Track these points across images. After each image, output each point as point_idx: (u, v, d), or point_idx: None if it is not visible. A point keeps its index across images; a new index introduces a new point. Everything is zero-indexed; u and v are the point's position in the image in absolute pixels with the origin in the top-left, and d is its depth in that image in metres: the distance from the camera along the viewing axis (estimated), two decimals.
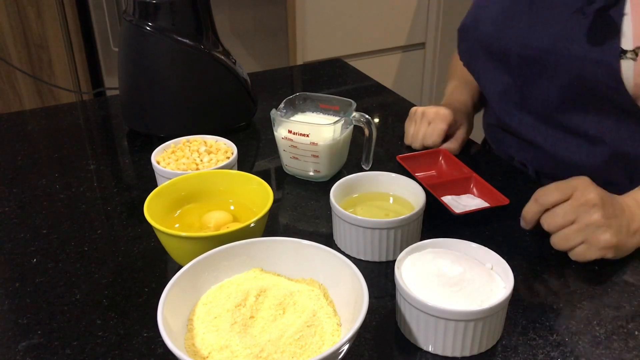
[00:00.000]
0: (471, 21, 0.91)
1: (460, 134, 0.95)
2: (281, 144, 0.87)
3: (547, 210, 0.69)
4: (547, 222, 0.68)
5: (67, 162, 0.94)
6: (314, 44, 2.32)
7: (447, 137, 0.94)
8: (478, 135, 1.04)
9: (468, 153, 0.95)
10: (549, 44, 0.80)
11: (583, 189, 0.67)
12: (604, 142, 0.83)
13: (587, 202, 0.66)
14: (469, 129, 0.98)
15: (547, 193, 0.69)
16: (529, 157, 0.93)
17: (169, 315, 0.53)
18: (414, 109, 0.97)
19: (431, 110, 0.94)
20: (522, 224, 0.73)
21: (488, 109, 1.02)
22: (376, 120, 1.10)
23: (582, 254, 0.67)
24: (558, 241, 0.68)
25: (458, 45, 0.95)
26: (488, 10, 0.88)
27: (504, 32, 0.85)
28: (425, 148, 0.94)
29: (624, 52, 0.73)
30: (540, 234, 0.74)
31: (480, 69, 0.93)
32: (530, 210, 0.71)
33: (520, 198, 0.81)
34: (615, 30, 0.73)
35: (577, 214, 0.66)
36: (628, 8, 0.73)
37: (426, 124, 0.93)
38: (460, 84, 1.05)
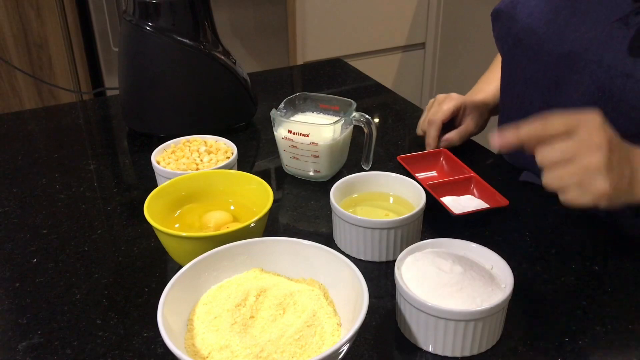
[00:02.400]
0: (507, 6, 0.86)
1: (465, 126, 0.94)
2: (281, 144, 0.87)
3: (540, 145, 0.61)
4: (543, 156, 0.60)
5: (67, 162, 0.94)
6: (314, 44, 2.33)
7: (452, 128, 0.94)
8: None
9: (469, 154, 0.95)
10: (582, 47, 0.75)
11: (591, 127, 0.59)
12: None
13: (591, 143, 0.58)
14: (478, 124, 0.96)
15: (552, 119, 0.60)
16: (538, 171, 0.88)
17: (169, 315, 0.53)
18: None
19: (442, 95, 0.95)
20: (496, 140, 0.62)
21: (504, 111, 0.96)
22: (376, 120, 1.10)
23: (574, 198, 0.60)
24: (551, 180, 0.61)
25: (492, 29, 0.90)
26: None
27: (539, 26, 0.80)
28: (429, 146, 0.94)
29: None
30: (540, 234, 0.74)
31: (511, 59, 0.88)
32: (523, 130, 0.61)
33: (521, 199, 0.81)
34: None
35: (578, 153, 0.59)
36: None
37: (436, 106, 0.94)
38: (491, 77, 1.02)
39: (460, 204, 0.79)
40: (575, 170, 0.59)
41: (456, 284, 0.56)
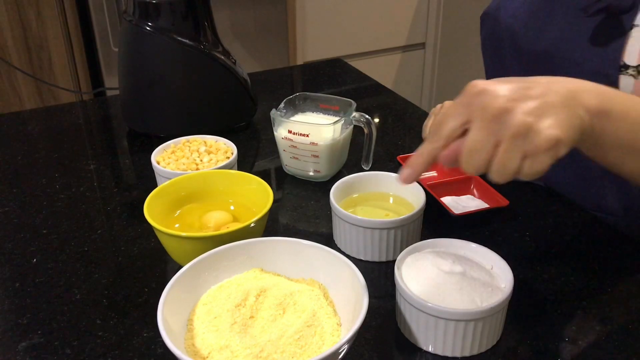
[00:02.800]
0: (494, 9, 0.86)
1: None
2: (281, 144, 0.87)
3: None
4: (472, 165, 0.49)
5: (67, 162, 0.94)
6: (314, 44, 2.33)
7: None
8: None
9: None
10: (554, 46, 0.74)
11: (478, 94, 0.48)
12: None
13: (493, 109, 0.47)
14: None
15: (441, 123, 0.49)
16: None
17: (169, 315, 0.53)
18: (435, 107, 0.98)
19: (450, 102, 0.95)
20: (404, 175, 0.52)
21: None
22: (376, 120, 1.10)
23: (531, 171, 0.48)
24: (499, 175, 0.48)
25: (480, 33, 0.89)
26: (512, 1, 0.83)
27: (520, 27, 0.80)
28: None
29: (626, 67, 0.66)
30: (540, 234, 0.74)
31: (495, 61, 0.88)
32: (423, 154, 0.50)
33: (521, 199, 0.81)
34: (620, 40, 0.67)
35: (494, 131, 0.47)
36: None
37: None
38: None
39: (460, 204, 0.79)
40: (510, 147, 0.47)
41: (456, 284, 0.56)
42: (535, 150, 0.47)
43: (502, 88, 0.48)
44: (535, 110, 0.47)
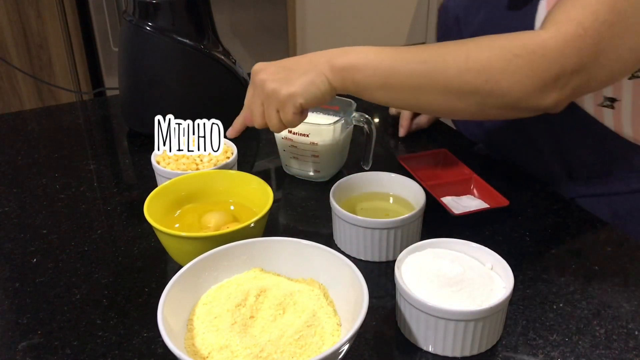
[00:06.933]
0: (447, 1, 0.89)
1: None
2: (281, 144, 0.87)
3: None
4: (255, 120, 0.72)
5: (67, 162, 0.94)
6: (314, 44, 2.33)
7: None
8: None
9: (469, 154, 0.95)
10: (482, 30, 0.75)
11: (254, 73, 0.70)
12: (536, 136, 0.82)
13: (259, 80, 0.69)
14: None
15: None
16: (489, 143, 0.94)
17: (169, 315, 0.53)
18: None
19: None
20: (228, 132, 0.78)
21: None
22: (376, 120, 1.10)
23: (286, 119, 0.69)
24: (270, 126, 0.71)
25: (436, 27, 0.96)
26: None
27: (461, 13, 0.83)
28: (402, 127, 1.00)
29: None
30: (540, 234, 0.74)
31: None
32: (239, 118, 0.76)
33: (521, 199, 0.81)
34: (531, 13, 0.71)
35: (259, 94, 0.69)
36: None
37: None
38: None
39: (460, 204, 0.79)
40: (266, 104, 0.69)
41: (456, 284, 0.57)
42: (280, 103, 0.67)
43: (269, 69, 0.69)
44: (282, 79, 0.67)
